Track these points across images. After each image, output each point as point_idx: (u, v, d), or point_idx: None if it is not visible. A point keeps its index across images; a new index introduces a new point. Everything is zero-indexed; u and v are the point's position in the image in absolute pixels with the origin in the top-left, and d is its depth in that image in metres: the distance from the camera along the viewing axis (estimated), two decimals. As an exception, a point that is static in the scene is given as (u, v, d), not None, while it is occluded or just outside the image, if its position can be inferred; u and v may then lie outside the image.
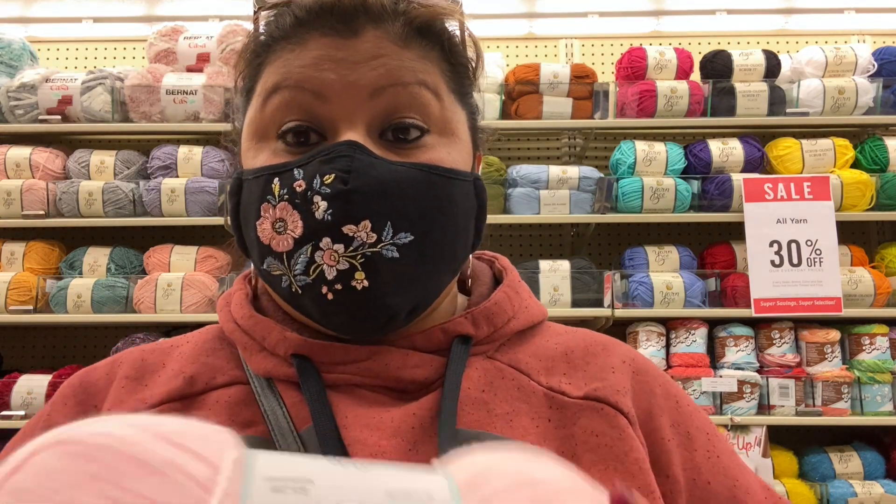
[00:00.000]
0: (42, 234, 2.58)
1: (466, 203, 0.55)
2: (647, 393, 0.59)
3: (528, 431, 0.53)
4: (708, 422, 0.61)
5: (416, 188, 0.51)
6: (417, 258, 0.51)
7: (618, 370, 0.59)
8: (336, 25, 0.52)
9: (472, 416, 0.53)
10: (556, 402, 0.55)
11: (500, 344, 0.59)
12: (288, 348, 0.54)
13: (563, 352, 0.60)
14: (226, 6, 2.92)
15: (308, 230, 0.50)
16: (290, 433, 0.51)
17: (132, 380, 0.57)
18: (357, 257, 0.49)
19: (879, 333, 2.36)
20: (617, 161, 2.52)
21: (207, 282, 2.39)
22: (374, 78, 0.52)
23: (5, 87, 2.53)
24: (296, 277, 0.51)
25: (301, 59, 0.52)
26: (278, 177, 0.51)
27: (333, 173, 0.49)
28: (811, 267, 2.37)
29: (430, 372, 0.54)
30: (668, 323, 2.44)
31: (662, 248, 2.49)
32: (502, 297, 0.60)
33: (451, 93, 0.56)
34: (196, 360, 0.58)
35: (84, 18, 2.97)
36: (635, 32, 2.93)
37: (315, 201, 0.49)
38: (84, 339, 2.81)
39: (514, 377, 0.56)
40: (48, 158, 2.53)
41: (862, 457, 2.33)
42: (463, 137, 0.57)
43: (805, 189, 2.42)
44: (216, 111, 2.50)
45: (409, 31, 0.53)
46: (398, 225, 0.50)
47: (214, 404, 0.54)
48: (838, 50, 2.54)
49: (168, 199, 2.43)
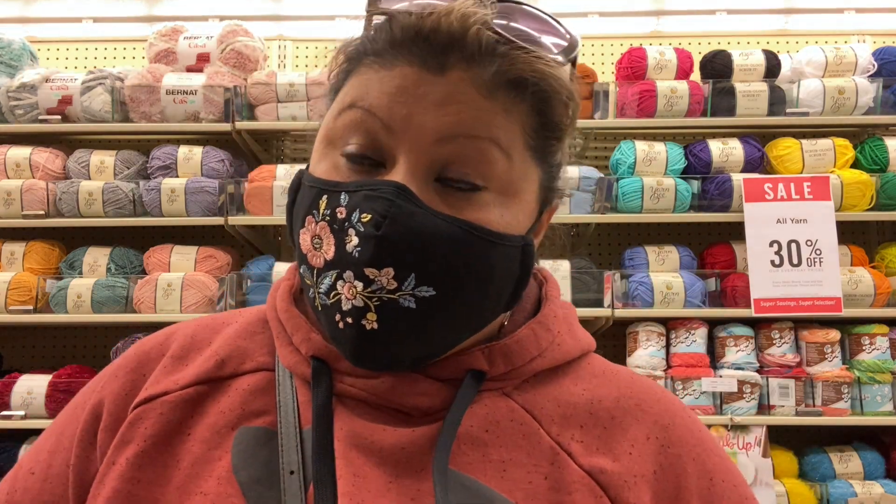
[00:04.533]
0: (42, 234, 2.58)
1: (508, 267, 0.53)
2: (676, 471, 0.54)
3: (517, 486, 0.51)
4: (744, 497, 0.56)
5: (451, 245, 0.49)
6: (435, 313, 0.50)
7: (639, 446, 0.54)
8: (426, 57, 0.50)
9: (464, 458, 0.52)
10: (559, 461, 0.53)
11: (523, 381, 0.56)
12: (309, 349, 0.55)
13: (588, 400, 0.56)
14: (226, 6, 2.92)
15: (337, 258, 0.50)
16: (295, 429, 0.53)
17: (176, 358, 0.59)
18: (373, 299, 0.49)
19: (879, 333, 2.36)
20: (617, 161, 2.52)
21: (207, 282, 2.39)
22: (445, 124, 0.49)
23: (5, 87, 2.53)
24: (319, 295, 0.52)
25: (383, 85, 0.51)
26: (327, 195, 0.52)
27: (371, 214, 0.48)
28: (811, 267, 2.37)
29: (435, 402, 0.53)
30: (668, 323, 2.44)
31: (662, 248, 2.49)
32: (528, 333, 0.57)
33: (526, 150, 0.53)
34: (233, 343, 0.59)
35: (84, 18, 2.97)
36: (635, 32, 2.93)
37: (349, 233, 0.49)
38: (84, 339, 2.81)
39: (523, 421, 0.54)
40: (48, 158, 2.53)
41: (862, 457, 2.33)
42: (527, 198, 0.54)
43: (805, 189, 2.42)
44: (216, 111, 2.50)
45: (500, 80, 0.50)
46: (422, 278, 0.49)
47: (235, 391, 0.56)
48: (838, 50, 2.54)
49: (168, 199, 2.43)
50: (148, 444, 0.54)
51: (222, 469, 0.52)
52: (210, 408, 0.56)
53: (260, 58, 2.66)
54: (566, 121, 0.55)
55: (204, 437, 0.54)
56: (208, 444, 0.54)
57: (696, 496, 0.54)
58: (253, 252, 2.70)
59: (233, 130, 2.50)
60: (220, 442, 0.54)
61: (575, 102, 0.54)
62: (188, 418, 0.55)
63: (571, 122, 0.56)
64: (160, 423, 0.55)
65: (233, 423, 0.55)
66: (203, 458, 0.53)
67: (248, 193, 2.43)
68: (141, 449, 0.53)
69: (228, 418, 0.55)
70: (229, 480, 0.51)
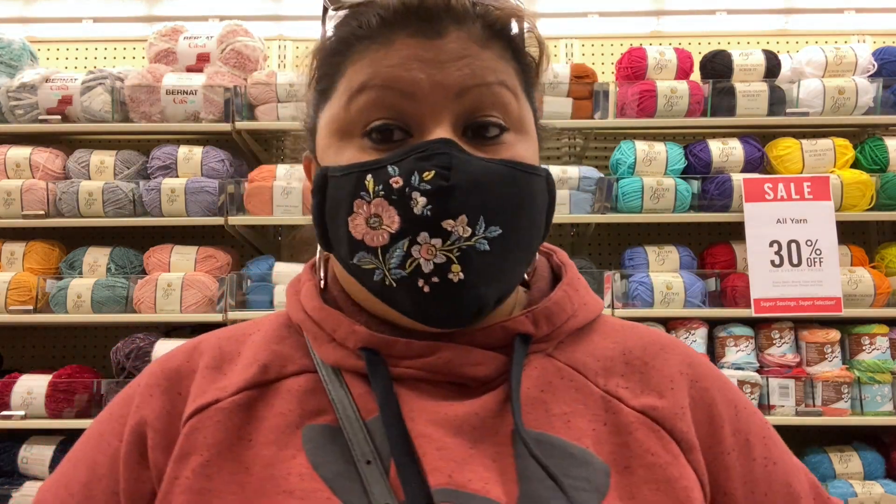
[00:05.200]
0: (42, 234, 2.58)
1: (542, 197, 0.58)
2: (707, 403, 0.60)
3: (584, 433, 0.55)
4: (764, 423, 0.63)
5: (504, 184, 0.53)
6: (504, 250, 0.53)
7: (676, 383, 0.59)
8: (421, 26, 0.54)
9: (530, 416, 0.55)
10: (613, 408, 0.57)
11: (559, 342, 0.60)
12: (357, 341, 0.56)
13: (620, 351, 0.61)
14: (226, 6, 2.92)
15: (406, 224, 0.51)
16: (357, 422, 0.54)
17: (212, 369, 0.60)
18: (453, 251, 0.51)
19: (879, 333, 2.36)
20: (617, 161, 2.52)
21: (207, 282, 2.39)
22: (461, 78, 0.53)
23: (5, 87, 2.53)
24: (391, 271, 0.53)
25: (389, 59, 0.54)
26: (371, 173, 0.53)
27: (434, 170, 0.51)
28: (811, 267, 2.37)
29: (490, 370, 0.56)
30: (668, 323, 2.44)
31: (662, 248, 2.49)
32: (562, 295, 0.61)
33: (522, 90, 0.58)
34: (267, 348, 0.60)
35: (84, 18, 2.97)
36: (635, 32, 2.93)
37: (414, 197, 0.51)
38: (84, 339, 2.81)
39: (573, 378, 0.58)
40: (48, 158, 2.53)
41: (862, 457, 2.33)
42: (533, 135, 0.59)
43: (805, 189, 2.42)
44: (216, 111, 2.50)
45: (488, 32, 0.56)
46: (489, 219, 0.52)
47: (286, 393, 0.57)
48: (838, 50, 2.54)
49: (168, 199, 2.43)
50: (211, 452, 0.54)
51: (300, 467, 0.52)
52: (264, 412, 0.56)
53: (260, 58, 2.66)
54: (542, 60, 0.62)
55: (269, 439, 0.54)
56: (277, 446, 0.54)
57: (727, 422, 0.59)
58: (253, 252, 2.70)
59: (233, 130, 2.50)
60: (288, 442, 0.54)
61: (542, 43, 0.61)
62: (245, 424, 0.56)
63: (542, 59, 0.62)
64: (219, 431, 0.55)
65: (296, 422, 0.55)
66: (275, 458, 0.53)
67: (248, 193, 2.43)
68: (205, 459, 0.53)
69: (290, 419, 0.55)
70: (312, 477, 0.52)
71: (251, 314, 2.36)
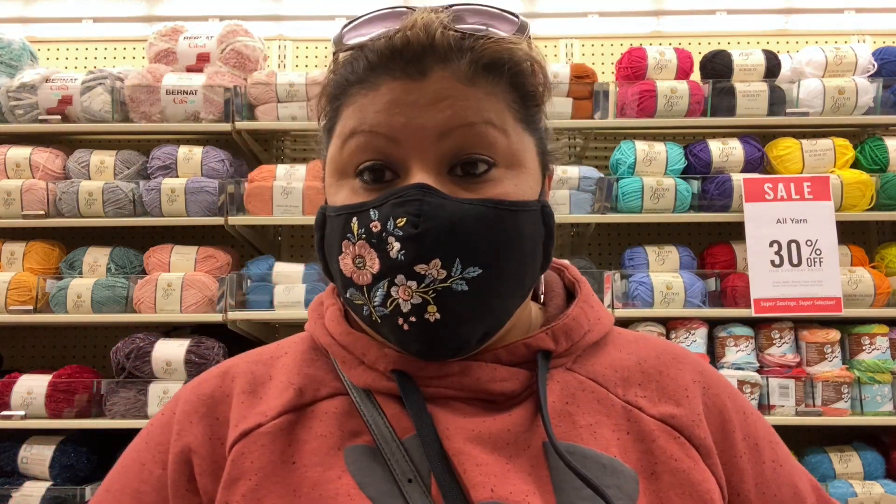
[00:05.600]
0: (42, 234, 2.58)
1: (534, 231, 0.57)
2: (718, 409, 0.62)
3: (610, 443, 0.57)
4: (768, 427, 0.66)
5: (483, 224, 0.54)
6: (486, 289, 0.54)
7: (691, 391, 0.62)
8: (406, 67, 0.55)
9: (559, 428, 0.57)
10: (634, 417, 0.59)
11: (577, 356, 0.62)
12: (388, 364, 0.58)
13: (636, 362, 0.63)
14: (226, 6, 2.92)
15: (384, 268, 0.53)
16: (394, 442, 0.56)
17: (248, 394, 0.61)
18: (429, 293, 0.53)
19: (879, 333, 2.36)
20: (617, 161, 2.52)
21: (207, 282, 2.39)
22: (442, 120, 0.54)
23: (5, 87, 2.53)
24: (375, 308, 0.55)
25: (374, 105, 0.55)
26: (356, 216, 0.55)
27: (405, 217, 0.52)
28: (811, 267, 2.37)
29: (516, 385, 0.58)
30: (668, 323, 2.44)
31: (662, 248, 2.49)
32: (579, 312, 0.63)
33: (518, 123, 0.58)
34: (299, 372, 0.62)
35: (84, 18, 2.97)
36: (635, 32, 2.93)
37: (389, 241, 0.53)
38: (84, 339, 2.81)
39: (594, 389, 0.60)
40: (48, 158, 2.53)
41: (862, 457, 2.33)
42: (530, 165, 0.59)
43: (805, 189, 2.42)
44: (216, 111, 2.50)
45: (476, 68, 0.55)
46: (466, 260, 0.53)
47: (324, 415, 0.59)
48: (838, 50, 2.54)
49: (168, 199, 2.43)
50: (259, 476, 0.55)
51: (347, 487, 0.54)
52: (304, 434, 0.58)
53: (260, 58, 2.66)
54: (540, 87, 0.60)
55: (313, 461, 0.56)
56: (322, 467, 0.56)
57: (737, 427, 0.62)
58: (253, 252, 2.70)
59: (233, 130, 2.50)
60: (333, 463, 0.56)
61: (540, 66, 0.59)
62: (287, 447, 0.57)
63: (545, 87, 0.61)
64: (265, 454, 0.56)
65: (337, 444, 0.57)
66: (322, 479, 0.55)
67: (248, 193, 2.43)
68: (255, 483, 0.55)
69: (330, 441, 0.57)
70: (360, 496, 0.53)
71: (251, 314, 2.36)
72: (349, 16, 0.61)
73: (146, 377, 2.34)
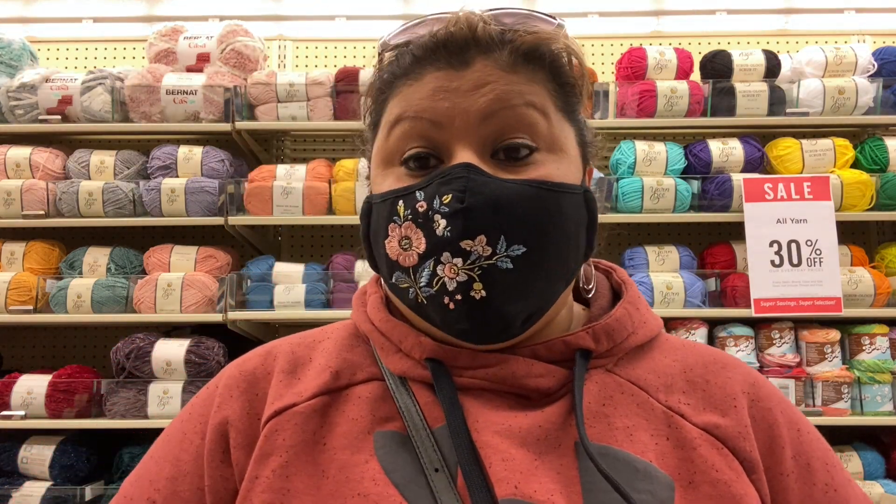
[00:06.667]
0: (42, 234, 2.58)
1: (577, 214, 0.58)
2: (768, 423, 0.60)
3: (647, 447, 0.56)
4: (827, 449, 0.64)
5: (526, 203, 0.54)
6: (530, 268, 0.54)
7: (739, 402, 0.60)
8: (449, 59, 0.57)
9: (593, 429, 0.56)
10: (675, 423, 0.57)
11: (619, 358, 0.61)
12: (423, 352, 0.59)
13: (681, 369, 0.62)
14: (226, 6, 2.92)
15: (430, 246, 0.54)
16: (424, 430, 0.56)
17: (287, 373, 0.63)
18: (474, 270, 0.53)
19: (879, 333, 2.36)
20: (617, 161, 2.52)
21: (207, 282, 2.39)
22: (484, 103, 0.56)
23: (5, 87, 2.53)
24: (421, 289, 0.56)
25: (419, 93, 0.57)
26: (402, 199, 0.56)
27: (451, 193, 0.54)
28: (811, 267, 2.37)
29: (552, 382, 0.58)
30: (669, 323, 2.43)
31: (662, 248, 2.49)
32: (623, 313, 0.63)
33: (558, 111, 0.59)
34: (338, 356, 0.63)
35: (84, 18, 2.97)
36: (635, 32, 2.93)
37: (435, 220, 0.54)
38: (84, 339, 2.81)
39: (634, 393, 0.59)
40: (48, 158, 2.53)
41: (862, 457, 2.33)
42: (571, 153, 0.60)
43: (805, 189, 2.42)
44: (216, 111, 2.50)
45: (516, 57, 0.57)
46: (511, 238, 0.53)
47: (357, 399, 0.60)
48: (838, 50, 2.54)
49: (168, 199, 2.43)
50: (290, 454, 0.56)
51: (373, 472, 0.54)
52: (337, 417, 0.59)
53: (260, 58, 2.66)
54: (579, 77, 0.62)
55: (343, 444, 0.57)
56: (350, 450, 0.56)
57: (788, 444, 0.60)
58: (253, 252, 2.70)
59: (233, 130, 2.50)
60: (361, 447, 0.56)
61: (577, 55, 0.61)
62: (319, 427, 0.58)
63: (583, 77, 0.62)
64: (297, 433, 0.57)
65: (367, 428, 0.58)
66: (349, 462, 0.55)
67: (248, 193, 2.43)
68: (285, 460, 0.56)
69: (361, 425, 0.58)
70: (385, 482, 0.54)
71: (251, 314, 2.36)
72: (349, 16, 0.62)
73: (146, 377, 2.34)
